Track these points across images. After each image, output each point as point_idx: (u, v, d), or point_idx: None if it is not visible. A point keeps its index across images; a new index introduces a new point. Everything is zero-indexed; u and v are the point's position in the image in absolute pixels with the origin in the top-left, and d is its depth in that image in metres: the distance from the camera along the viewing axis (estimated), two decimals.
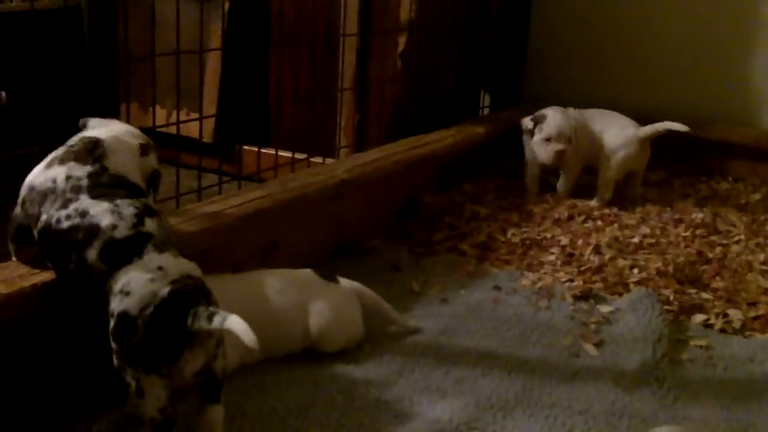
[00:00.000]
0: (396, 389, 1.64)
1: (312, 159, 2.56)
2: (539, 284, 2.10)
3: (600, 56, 3.36)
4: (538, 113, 2.61)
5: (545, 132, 2.56)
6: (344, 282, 1.83)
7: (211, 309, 1.30)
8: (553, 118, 2.57)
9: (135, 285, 1.34)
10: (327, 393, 1.60)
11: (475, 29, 3.25)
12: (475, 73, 3.32)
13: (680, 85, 3.23)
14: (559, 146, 2.55)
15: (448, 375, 1.70)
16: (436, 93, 3.05)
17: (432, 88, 3.02)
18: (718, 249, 2.31)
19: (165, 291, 1.32)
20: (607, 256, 2.23)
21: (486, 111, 3.42)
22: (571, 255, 2.26)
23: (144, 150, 1.60)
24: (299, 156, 2.52)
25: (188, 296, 1.33)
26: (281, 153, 2.45)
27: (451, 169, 2.75)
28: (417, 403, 1.59)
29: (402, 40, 2.87)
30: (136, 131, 1.65)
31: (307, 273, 1.82)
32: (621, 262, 2.19)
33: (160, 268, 1.35)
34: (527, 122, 2.62)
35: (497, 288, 2.09)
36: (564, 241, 2.34)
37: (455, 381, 1.67)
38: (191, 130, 2.35)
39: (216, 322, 1.28)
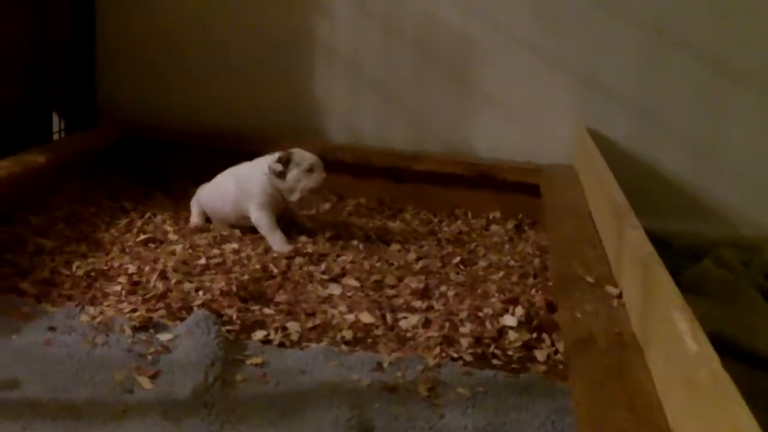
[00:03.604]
0: None
1: None
2: (99, 319, 1.99)
3: (175, 77, 3.34)
4: (280, 155, 2.55)
5: (306, 163, 2.54)
6: None
7: None
8: (300, 151, 2.57)
9: None
10: None
11: (37, 49, 3.05)
12: (44, 96, 3.13)
13: (252, 101, 3.31)
14: (324, 173, 2.55)
15: None
16: None
17: None
18: (284, 263, 2.38)
19: None
20: (173, 281, 2.19)
21: (63, 135, 3.25)
22: (137, 283, 2.18)
23: None
24: None
25: None
26: None
27: (12, 201, 2.55)
28: None
29: None
30: None
31: None
32: (187, 286, 2.16)
33: None
34: (275, 165, 2.54)
35: (52, 328, 1.94)
36: (132, 268, 2.27)
37: None
38: None
39: None
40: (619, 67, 3.07)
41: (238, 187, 2.61)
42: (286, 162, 2.55)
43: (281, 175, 2.54)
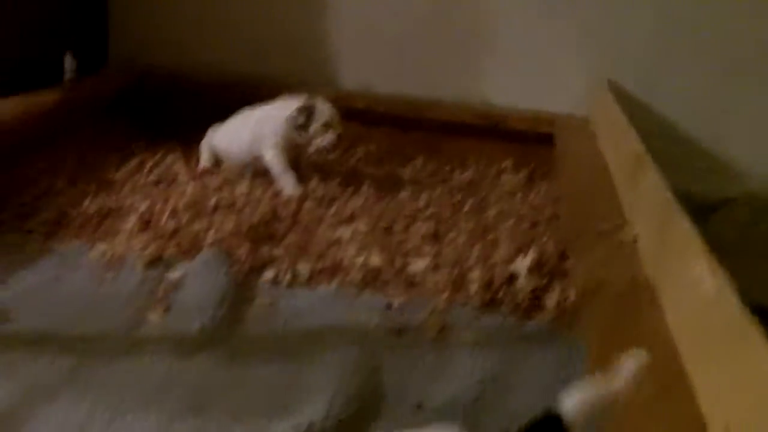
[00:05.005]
0: None
1: None
2: (109, 255, 1.99)
3: (191, 22, 3.30)
4: (301, 105, 2.51)
5: (323, 119, 2.51)
6: None
7: None
8: (322, 104, 2.53)
9: None
10: None
11: None
12: (58, 36, 3.09)
13: (266, 48, 3.27)
14: (339, 130, 2.52)
15: None
16: (11, 56, 2.77)
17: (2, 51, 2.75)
18: (294, 205, 2.36)
19: None
20: (183, 220, 2.18)
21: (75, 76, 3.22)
22: (148, 221, 2.17)
23: None
24: None
25: None
26: None
27: (20, 141, 2.53)
28: None
29: None
30: None
31: None
32: (197, 225, 2.15)
33: None
34: (298, 118, 2.51)
35: (61, 265, 1.94)
36: (142, 207, 2.25)
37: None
38: None
39: None
40: (633, 17, 3.01)
41: (254, 128, 2.59)
42: (308, 115, 2.52)
43: (302, 127, 2.52)
